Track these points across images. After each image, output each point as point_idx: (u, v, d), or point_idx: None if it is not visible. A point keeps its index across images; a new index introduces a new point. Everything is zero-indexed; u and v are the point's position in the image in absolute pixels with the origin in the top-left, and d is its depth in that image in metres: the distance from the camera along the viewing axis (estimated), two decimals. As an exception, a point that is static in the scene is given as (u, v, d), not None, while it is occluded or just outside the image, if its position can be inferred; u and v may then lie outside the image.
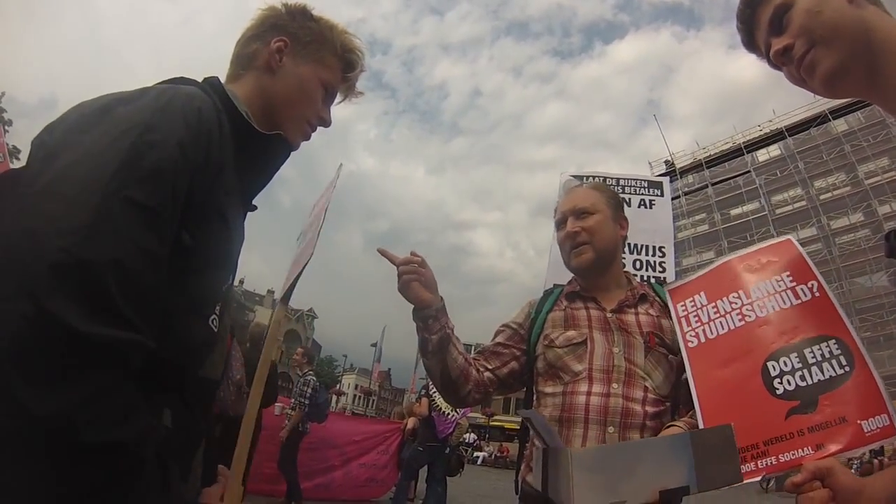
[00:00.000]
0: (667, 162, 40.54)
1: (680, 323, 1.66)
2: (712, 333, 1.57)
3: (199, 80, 1.12)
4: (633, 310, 1.80)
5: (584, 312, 1.81)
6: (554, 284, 2.12)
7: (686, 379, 1.64)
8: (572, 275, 1.96)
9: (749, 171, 36.10)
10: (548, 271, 2.90)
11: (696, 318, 1.63)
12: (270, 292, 62.45)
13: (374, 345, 42.24)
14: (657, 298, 1.87)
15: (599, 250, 1.82)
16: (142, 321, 0.75)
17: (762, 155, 37.50)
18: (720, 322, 1.57)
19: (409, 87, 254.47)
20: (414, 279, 1.65)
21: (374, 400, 70.48)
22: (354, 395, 75.29)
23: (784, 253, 1.56)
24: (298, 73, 1.22)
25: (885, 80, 0.99)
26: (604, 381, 1.65)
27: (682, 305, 1.69)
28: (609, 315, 1.78)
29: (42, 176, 0.78)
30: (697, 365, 1.57)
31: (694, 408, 1.59)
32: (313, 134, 1.29)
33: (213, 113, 0.98)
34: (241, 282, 61.40)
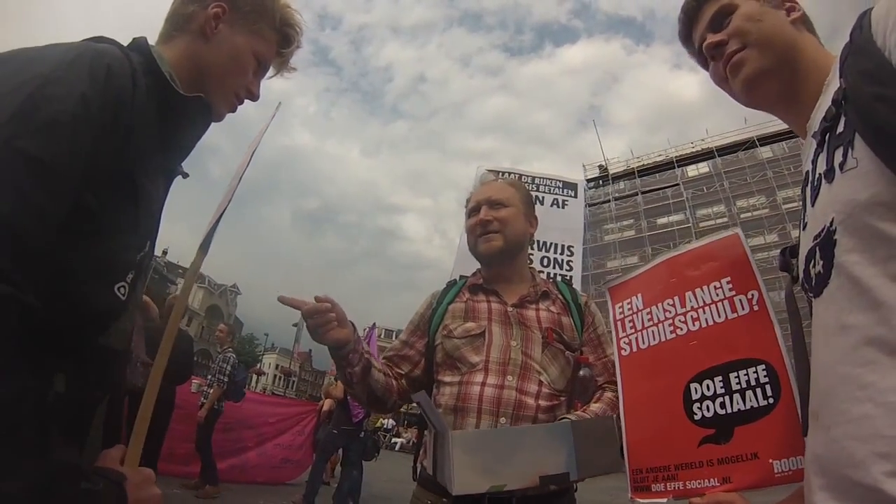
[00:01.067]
0: (600, 166, 41.82)
1: (615, 326, 1.63)
2: (644, 343, 1.53)
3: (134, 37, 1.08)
4: (534, 305, 1.85)
5: (485, 305, 1.85)
6: (459, 276, 2.16)
7: (583, 375, 1.71)
8: (478, 267, 2.00)
9: (678, 184, 37.71)
10: (455, 263, 2.92)
11: (631, 324, 1.58)
12: (195, 265, 60.60)
13: (296, 325, 41.45)
14: (559, 296, 1.92)
15: (508, 240, 1.87)
16: (22, 277, 0.70)
17: (692, 170, 39.30)
18: (652, 331, 1.51)
19: (355, 66, 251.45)
20: (329, 328, 1.57)
21: (294, 381, 69.39)
22: (275, 376, 73.89)
23: (728, 251, 1.46)
24: (233, 43, 1.18)
25: (798, 100, 1.05)
26: (499, 372, 1.69)
27: (619, 307, 1.64)
28: (510, 309, 1.82)
29: None
30: (628, 374, 1.55)
31: (588, 402, 1.68)
32: (245, 103, 1.26)
33: (127, 71, 0.93)
34: (164, 252, 58.75)
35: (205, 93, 1.14)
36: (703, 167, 38.84)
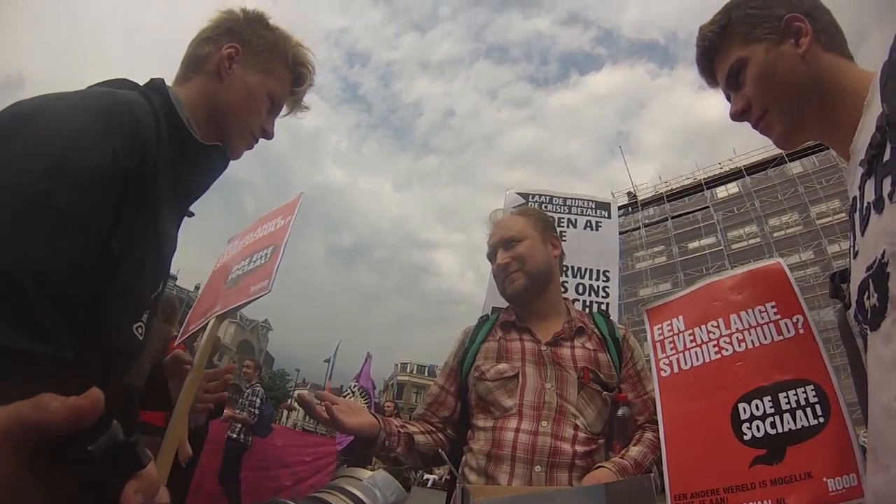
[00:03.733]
0: (629, 193, 41.49)
1: (654, 348, 1.60)
2: (686, 364, 1.50)
3: (163, 77, 1.11)
4: (569, 343, 1.78)
5: (518, 344, 1.79)
6: (493, 308, 2.11)
7: (622, 415, 1.65)
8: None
9: (708, 207, 37.20)
10: (486, 296, 2.82)
11: (672, 345, 1.56)
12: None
13: (328, 360, 41.28)
14: (595, 331, 1.85)
15: (532, 274, 1.82)
16: (60, 332, 0.73)
17: (721, 192, 38.75)
18: (695, 352, 1.49)
19: (384, 102, 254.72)
20: (344, 412, 1.50)
21: None
22: (306, 411, 73.57)
23: (772, 279, 1.47)
24: (247, 82, 1.21)
25: (837, 126, 1.04)
26: (533, 417, 1.63)
27: (658, 328, 1.62)
28: (543, 348, 1.76)
29: None
30: (667, 395, 1.51)
31: (627, 443, 1.62)
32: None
33: (152, 121, 0.97)
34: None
35: (221, 132, 1.18)
36: (732, 187, 38.27)
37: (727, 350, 1.44)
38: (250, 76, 1.21)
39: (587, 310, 2.77)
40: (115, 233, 0.85)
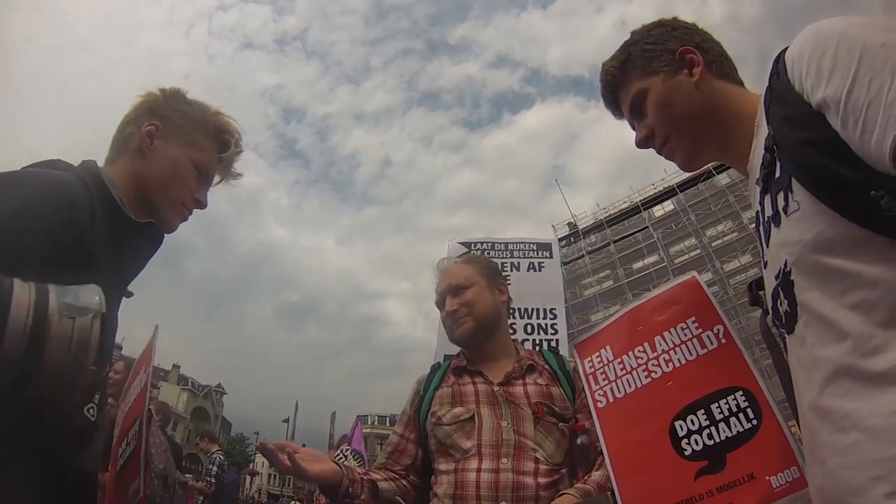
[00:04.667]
0: (569, 224, 42.29)
1: (588, 381, 1.63)
2: (620, 392, 1.54)
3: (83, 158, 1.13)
4: (520, 381, 1.83)
5: (471, 388, 1.83)
6: (444, 356, 2.15)
7: (581, 443, 1.67)
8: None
9: (647, 227, 38.31)
10: (437, 344, 2.92)
11: (604, 376, 1.59)
12: (176, 367, 58.57)
13: (287, 420, 39.97)
14: (546, 367, 1.90)
15: (479, 318, 1.88)
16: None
17: (658, 211, 39.91)
18: (626, 379, 1.53)
19: (322, 157, 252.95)
20: (307, 461, 1.54)
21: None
22: (269, 474, 70.61)
23: (689, 294, 1.54)
24: (170, 156, 1.23)
25: (734, 147, 1.12)
26: (493, 456, 1.65)
27: (588, 361, 1.65)
28: (496, 388, 1.80)
29: None
30: (608, 426, 1.53)
31: (590, 469, 1.63)
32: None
33: (86, 201, 0.98)
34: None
35: (151, 207, 1.20)
36: (668, 205, 39.53)
37: (656, 372, 1.49)
38: (173, 149, 1.24)
39: (537, 348, 2.87)
40: None
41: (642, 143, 1.26)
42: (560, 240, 39.63)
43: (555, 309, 3.21)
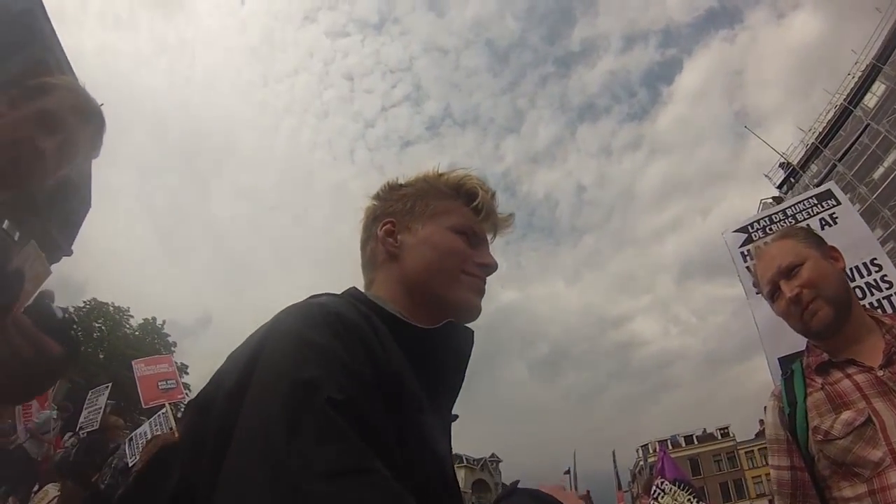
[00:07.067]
0: (782, 165, 37.30)
1: None
2: None
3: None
4: None
5: (847, 383, 1.54)
6: (778, 360, 1.95)
7: None
8: (803, 339, 1.74)
9: (868, 124, 32.53)
10: (765, 349, 2.53)
11: None
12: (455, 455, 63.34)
13: (568, 471, 39.91)
14: None
15: (833, 298, 1.60)
16: None
17: (870, 99, 33.63)
18: None
19: (519, 210, 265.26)
20: None
21: None
22: (580, 534, 72.22)
23: None
24: (422, 239, 1.12)
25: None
26: None
27: None
28: (880, 373, 1.50)
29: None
30: None
31: None
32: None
33: (358, 316, 0.86)
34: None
35: (437, 301, 1.08)
36: (877, 87, 32.78)
37: None
38: (421, 231, 1.14)
39: (879, 311, 2.40)
40: (385, 460, 0.67)
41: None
42: (779, 186, 35.86)
43: (875, 258, 2.63)
